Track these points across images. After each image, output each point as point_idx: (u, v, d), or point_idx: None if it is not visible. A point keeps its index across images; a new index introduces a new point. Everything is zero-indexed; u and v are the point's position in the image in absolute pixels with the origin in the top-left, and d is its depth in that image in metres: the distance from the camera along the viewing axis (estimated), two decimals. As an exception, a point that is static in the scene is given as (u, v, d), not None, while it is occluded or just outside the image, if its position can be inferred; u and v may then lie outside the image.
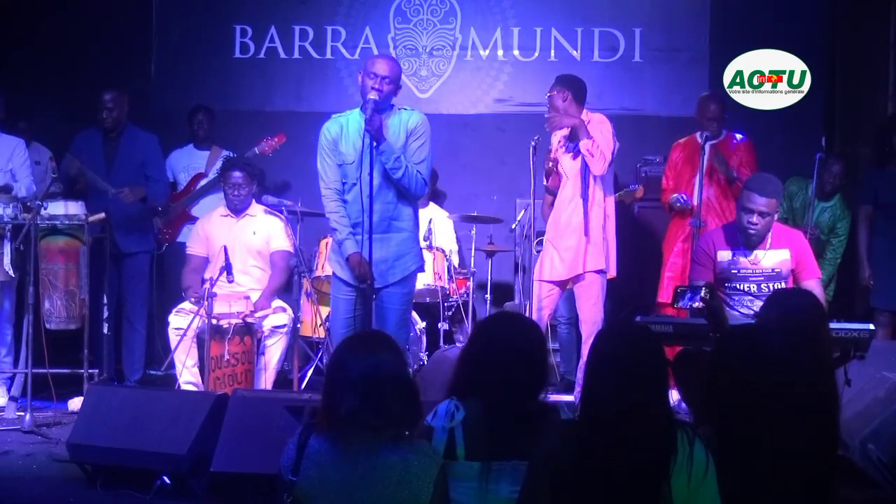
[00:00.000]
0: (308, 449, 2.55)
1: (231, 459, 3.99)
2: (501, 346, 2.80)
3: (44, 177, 5.96)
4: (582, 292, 5.33)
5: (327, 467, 2.53)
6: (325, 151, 4.48)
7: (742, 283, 4.45)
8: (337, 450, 2.53)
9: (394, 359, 2.60)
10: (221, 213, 5.76)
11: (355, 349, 2.62)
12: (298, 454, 2.55)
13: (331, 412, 2.55)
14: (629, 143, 6.61)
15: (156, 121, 6.70)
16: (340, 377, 2.57)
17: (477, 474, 2.70)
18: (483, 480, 2.70)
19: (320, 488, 2.52)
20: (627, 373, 2.51)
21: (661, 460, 2.46)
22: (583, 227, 5.22)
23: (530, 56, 7.08)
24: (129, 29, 7.14)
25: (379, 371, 2.54)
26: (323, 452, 2.54)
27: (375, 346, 2.61)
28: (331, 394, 2.59)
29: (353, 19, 7.17)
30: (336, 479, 2.52)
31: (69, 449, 4.30)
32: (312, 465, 2.54)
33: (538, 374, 2.84)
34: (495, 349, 2.80)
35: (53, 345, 5.25)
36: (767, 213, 4.35)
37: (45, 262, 5.25)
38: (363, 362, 2.55)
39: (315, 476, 2.53)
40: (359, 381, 2.53)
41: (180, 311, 5.47)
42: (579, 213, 5.25)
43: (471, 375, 2.81)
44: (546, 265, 5.40)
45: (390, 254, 4.45)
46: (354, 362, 2.56)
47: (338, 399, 2.54)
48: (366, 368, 2.54)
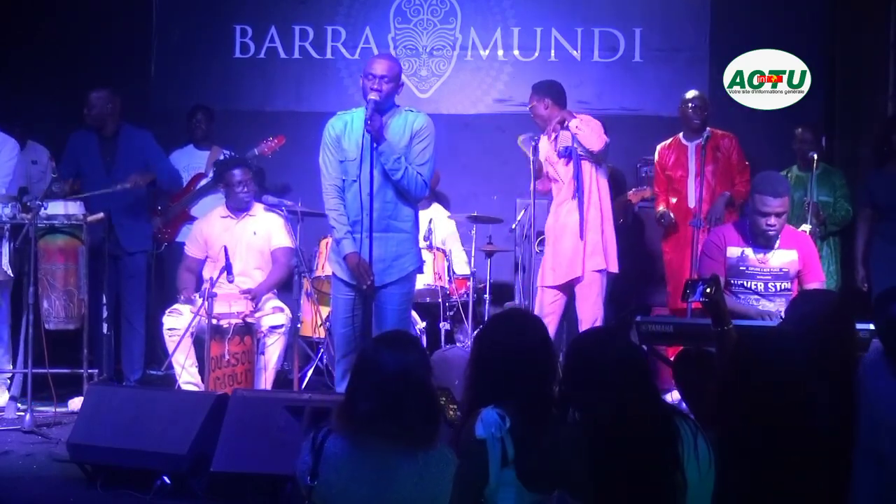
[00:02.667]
0: (326, 453, 2.51)
1: (231, 459, 3.99)
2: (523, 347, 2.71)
3: (42, 176, 5.95)
4: (582, 292, 5.35)
5: (346, 471, 2.49)
6: (328, 147, 4.48)
7: (749, 281, 4.48)
8: (355, 452, 2.50)
9: (423, 366, 2.57)
10: (221, 215, 5.75)
11: (387, 349, 2.58)
12: (315, 458, 2.50)
13: (350, 410, 2.51)
14: (629, 143, 6.63)
15: (156, 121, 6.70)
16: (367, 377, 2.53)
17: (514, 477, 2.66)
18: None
19: (340, 492, 2.49)
20: (602, 379, 2.49)
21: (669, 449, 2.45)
22: (578, 229, 5.25)
23: (530, 56, 7.08)
24: (129, 29, 7.13)
25: (407, 375, 2.51)
26: (341, 456, 2.50)
27: (407, 349, 2.59)
28: (354, 392, 2.56)
29: (353, 19, 7.17)
30: (356, 483, 2.49)
31: (69, 449, 4.30)
32: (331, 469, 2.50)
33: (552, 375, 2.79)
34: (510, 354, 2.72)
35: (53, 345, 5.24)
36: (783, 212, 4.41)
37: (44, 261, 5.24)
38: (392, 363, 2.52)
39: (334, 480, 2.49)
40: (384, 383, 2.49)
41: (173, 311, 5.46)
42: (575, 216, 5.28)
43: (496, 382, 2.70)
44: (547, 271, 5.42)
45: (389, 253, 4.44)
46: (384, 363, 2.53)
47: (360, 399, 2.51)
48: (394, 370, 2.51)
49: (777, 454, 2.57)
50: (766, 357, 2.68)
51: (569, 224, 5.31)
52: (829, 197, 5.96)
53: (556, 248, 5.37)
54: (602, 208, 5.35)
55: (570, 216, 5.32)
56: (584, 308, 5.34)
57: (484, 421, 2.56)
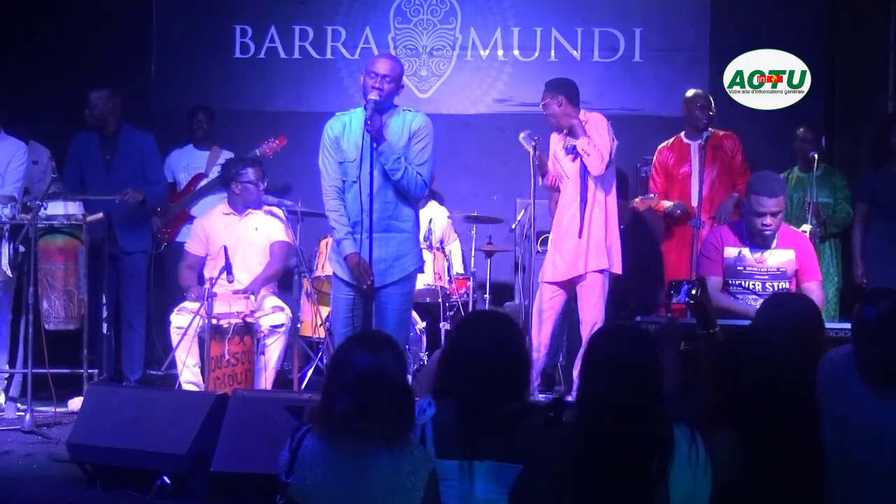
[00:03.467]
0: (302, 450, 2.54)
1: (231, 459, 3.99)
2: (475, 346, 2.76)
3: (43, 177, 5.95)
4: (583, 292, 5.34)
5: (320, 469, 2.52)
6: (327, 149, 4.47)
7: (747, 281, 4.48)
8: (330, 452, 2.52)
9: (396, 364, 2.58)
10: (223, 212, 5.76)
11: (359, 349, 2.60)
12: (292, 455, 2.54)
13: (327, 411, 2.54)
14: (629, 143, 6.60)
15: (156, 121, 6.70)
16: (341, 376, 2.55)
17: (456, 473, 2.68)
18: (465, 479, 2.68)
19: (312, 490, 2.52)
20: (623, 373, 2.51)
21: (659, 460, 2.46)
22: (578, 228, 5.24)
23: (530, 56, 7.08)
24: (129, 29, 7.13)
25: (380, 374, 2.53)
26: (316, 454, 2.53)
27: (379, 348, 2.60)
28: (329, 391, 2.57)
29: (353, 19, 7.16)
30: (328, 481, 2.51)
31: (69, 449, 4.30)
32: (305, 466, 2.53)
33: (517, 374, 2.78)
34: (468, 350, 2.77)
35: (53, 345, 5.24)
36: (779, 212, 4.40)
37: (44, 262, 5.24)
38: (365, 362, 2.53)
39: (308, 477, 2.52)
40: (359, 381, 2.51)
41: (182, 309, 5.47)
42: (577, 214, 5.27)
43: (446, 376, 2.79)
44: (548, 267, 5.41)
45: (389, 254, 4.44)
46: (357, 362, 2.54)
47: (335, 398, 2.53)
48: (367, 369, 2.52)
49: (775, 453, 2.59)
50: (755, 353, 2.70)
51: (574, 223, 5.30)
52: (830, 198, 5.95)
53: (559, 244, 5.35)
54: (607, 208, 5.33)
55: (575, 215, 5.30)
56: (585, 309, 5.33)
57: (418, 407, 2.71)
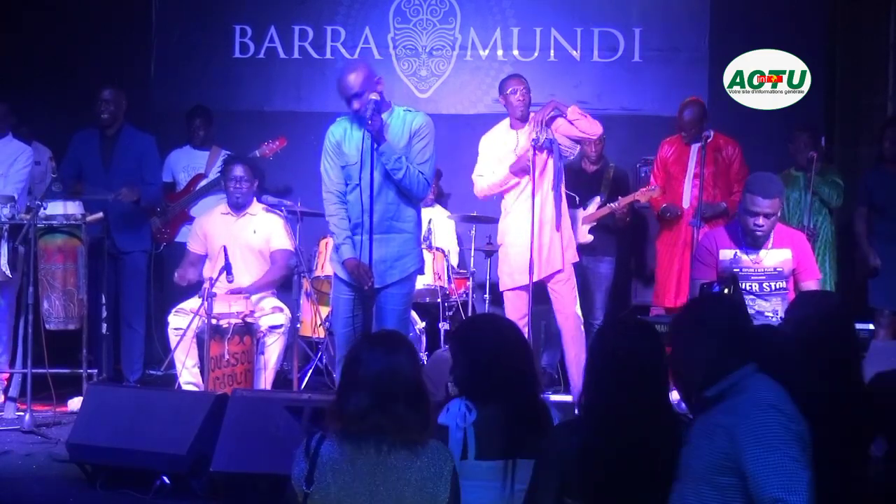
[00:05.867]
0: (321, 458, 2.49)
1: (231, 459, 3.99)
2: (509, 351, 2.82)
3: (43, 177, 5.95)
4: (563, 287, 5.33)
5: (344, 474, 2.48)
6: (329, 154, 4.48)
7: (744, 282, 4.45)
8: (351, 455, 2.48)
9: (410, 362, 2.57)
10: (222, 212, 5.76)
11: (373, 347, 2.59)
12: (311, 463, 2.48)
13: (341, 409, 2.51)
14: (629, 143, 6.63)
15: (155, 121, 6.71)
16: (355, 374, 2.54)
17: (500, 473, 2.69)
18: (508, 478, 2.70)
19: (338, 497, 2.47)
20: (632, 369, 2.50)
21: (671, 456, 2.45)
22: (554, 220, 5.24)
23: (530, 56, 7.07)
24: (129, 29, 7.13)
25: (395, 372, 2.51)
26: (337, 459, 2.49)
27: (394, 347, 2.59)
28: (343, 390, 2.56)
29: (353, 19, 7.16)
30: (354, 485, 2.47)
31: (69, 449, 4.30)
32: (328, 473, 2.48)
33: (533, 372, 2.85)
34: (506, 355, 2.82)
35: (52, 345, 5.24)
36: (772, 214, 4.35)
37: (43, 261, 5.23)
38: (380, 361, 2.52)
39: (332, 484, 2.47)
40: (373, 378, 2.49)
41: (179, 311, 5.47)
42: (551, 208, 5.27)
43: (488, 380, 2.80)
44: (516, 270, 5.33)
45: (390, 254, 4.44)
46: (371, 360, 2.53)
47: (349, 396, 2.51)
48: (382, 367, 2.51)
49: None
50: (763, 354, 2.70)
51: (546, 217, 5.29)
52: (828, 198, 5.95)
53: (534, 242, 5.24)
54: (565, 200, 5.36)
55: (546, 209, 5.30)
56: (568, 303, 5.34)
57: (448, 409, 2.75)
